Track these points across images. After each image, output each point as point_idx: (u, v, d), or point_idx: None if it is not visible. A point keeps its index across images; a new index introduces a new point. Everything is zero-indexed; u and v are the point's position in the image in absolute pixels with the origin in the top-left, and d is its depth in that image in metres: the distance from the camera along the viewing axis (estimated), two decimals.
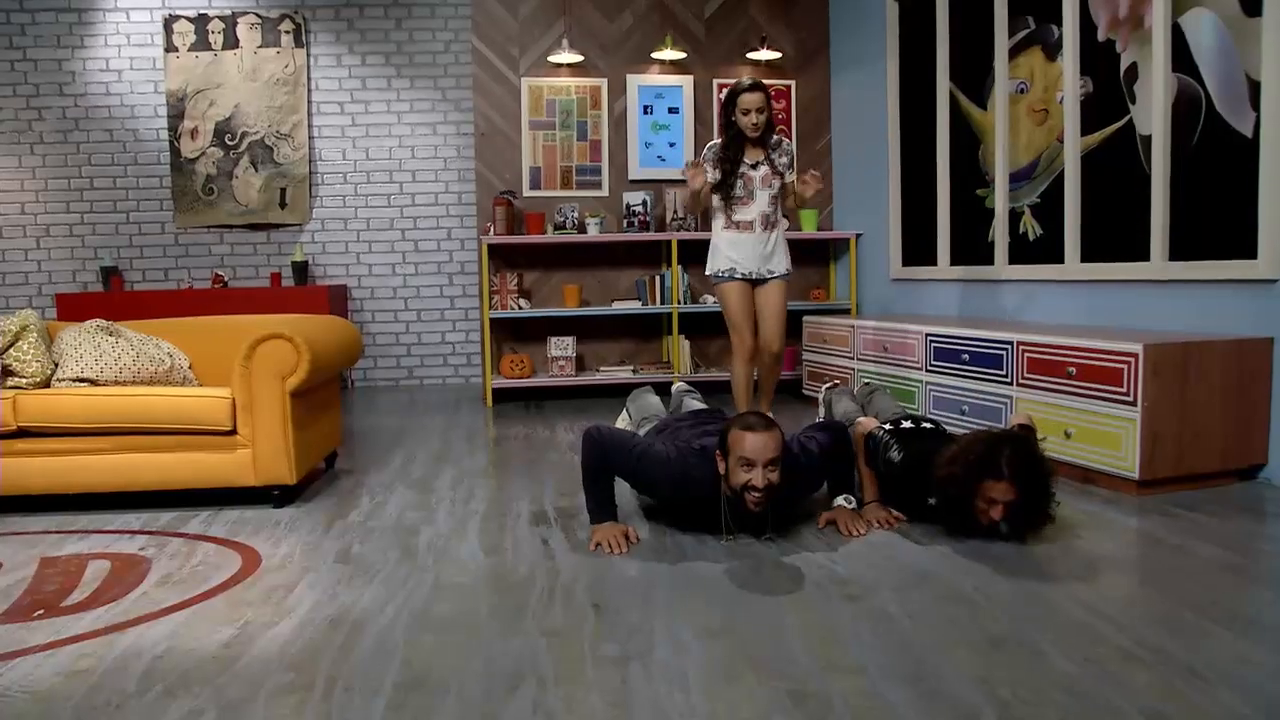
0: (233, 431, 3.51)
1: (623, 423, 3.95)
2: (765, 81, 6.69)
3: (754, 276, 4.48)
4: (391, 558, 2.89)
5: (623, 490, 3.21)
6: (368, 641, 2.22)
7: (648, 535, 3.07)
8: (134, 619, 2.39)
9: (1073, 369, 3.65)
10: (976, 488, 2.79)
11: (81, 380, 3.64)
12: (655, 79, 6.61)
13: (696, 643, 2.16)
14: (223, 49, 7.00)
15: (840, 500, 3.18)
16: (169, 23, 6.96)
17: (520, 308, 6.32)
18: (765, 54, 6.59)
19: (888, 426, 3.16)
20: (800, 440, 3.06)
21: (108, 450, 3.49)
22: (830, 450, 3.09)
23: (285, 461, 3.53)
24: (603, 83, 6.55)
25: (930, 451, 2.98)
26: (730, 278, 4.47)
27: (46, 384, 3.63)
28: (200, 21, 6.98)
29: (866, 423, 3.17)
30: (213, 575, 2.75)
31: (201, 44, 6.99)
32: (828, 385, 4.21)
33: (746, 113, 4.36)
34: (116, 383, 3.67)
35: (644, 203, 6.47)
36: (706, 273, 4.60)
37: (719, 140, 4.53)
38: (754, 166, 4.44)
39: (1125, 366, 3.40)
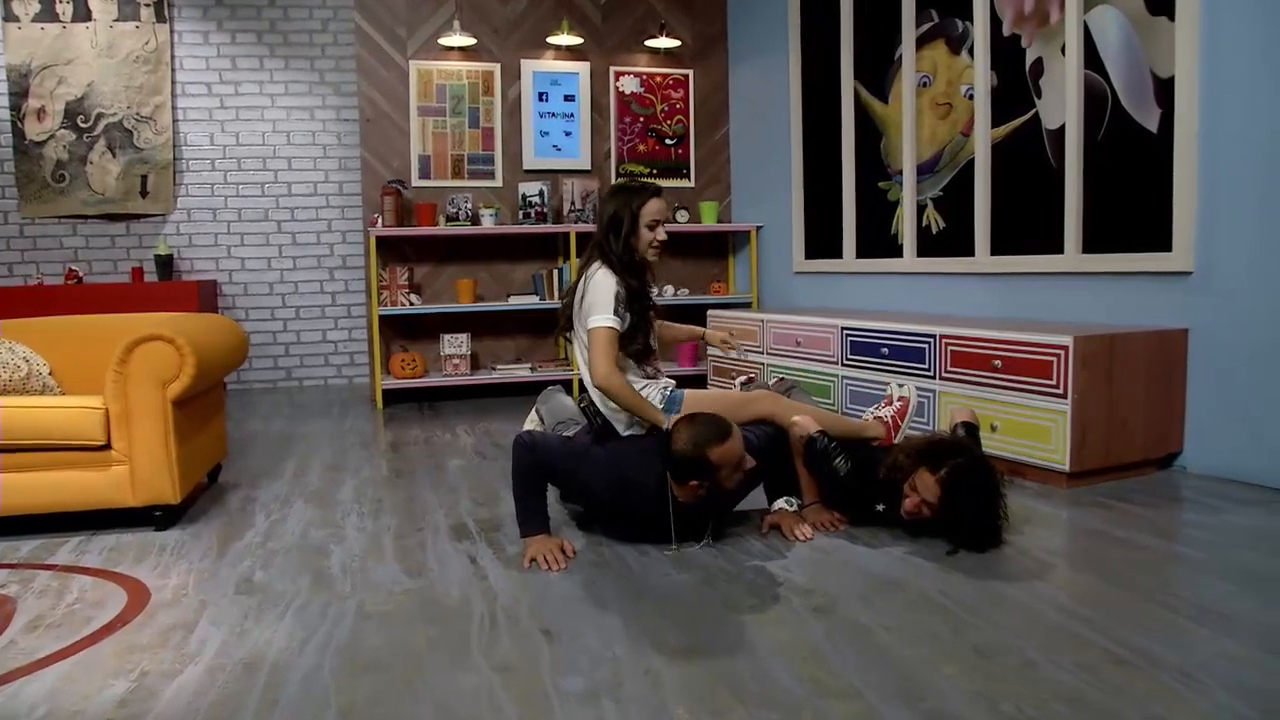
0: (106, 446, 3.10)
1: (533, 425, 3.71)
2: (663, 71, 6.60)
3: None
4: (302, 585, 2.59)
5: (549, 499, 2.99)
6: (292, 688, 1.93)
7: (583, 547, 2.86)
8: (2, 675, 2.03)
9: (999, 362, 3.63)
10: (913, 472, 2.78)
11: None
12: (551, 65, 6.36)
13: (668, 670, 1.96)
14: (72, 21, 6.34)
15: (781, 503, 3.06)
16: None
17: (411, 304, 5.98)
18: (664, 42, 6.43)
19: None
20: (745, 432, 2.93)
21: None
22: (770, 445, 2.99)
23: (168, 478, 3.15)
24: (496, 68, 6.25)
25: (875, 460, 2.90)
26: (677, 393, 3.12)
27: None
28: None
29: (805, 424, 3.04)
30: (94, 615, 2.38)
31: (48, 14, 6.31)
32: (741, 380, 4.06)
33: (654, 226, 3.06)
34: None
35: (541, 194, 6.22)
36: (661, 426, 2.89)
37: (615, 277, 2.97)
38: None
39: (1055, 359, 3.39)
